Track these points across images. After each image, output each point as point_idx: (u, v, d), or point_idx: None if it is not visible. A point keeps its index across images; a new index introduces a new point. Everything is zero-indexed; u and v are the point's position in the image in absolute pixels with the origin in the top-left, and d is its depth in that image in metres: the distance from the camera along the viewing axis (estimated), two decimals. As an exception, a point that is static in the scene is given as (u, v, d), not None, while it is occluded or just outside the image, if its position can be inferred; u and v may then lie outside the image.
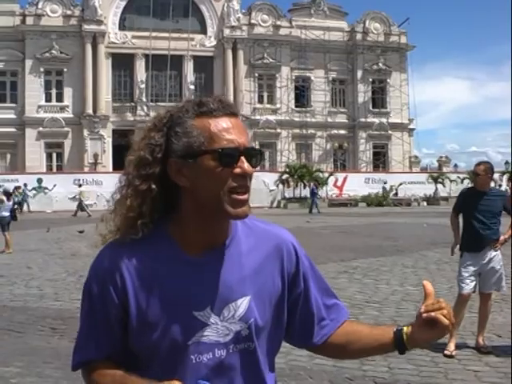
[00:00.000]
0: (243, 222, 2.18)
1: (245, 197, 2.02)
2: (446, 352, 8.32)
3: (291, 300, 2.22)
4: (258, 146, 66.26)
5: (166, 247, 2.08)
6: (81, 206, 47.47)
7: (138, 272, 2.06)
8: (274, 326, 2.17)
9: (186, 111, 2.04)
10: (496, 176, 43.03)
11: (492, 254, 8.60)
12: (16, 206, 48.67)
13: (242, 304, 2.08)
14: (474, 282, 8.60)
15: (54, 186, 53.17)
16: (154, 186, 2.06)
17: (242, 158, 2.00)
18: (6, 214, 22.84)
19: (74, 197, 50.44)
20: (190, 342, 2.02)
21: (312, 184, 56.33)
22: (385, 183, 62.09)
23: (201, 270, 2.06)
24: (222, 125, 2.02)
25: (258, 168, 2.12)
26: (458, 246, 8.99)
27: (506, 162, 67.30)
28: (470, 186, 10.12)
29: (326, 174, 62.10)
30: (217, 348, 2.05)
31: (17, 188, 52.17)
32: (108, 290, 2.06)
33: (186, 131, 2.01)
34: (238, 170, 1.99)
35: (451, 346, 8.37)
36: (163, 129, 2.07)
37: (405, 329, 2.15)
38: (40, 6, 65.33)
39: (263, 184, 55.87)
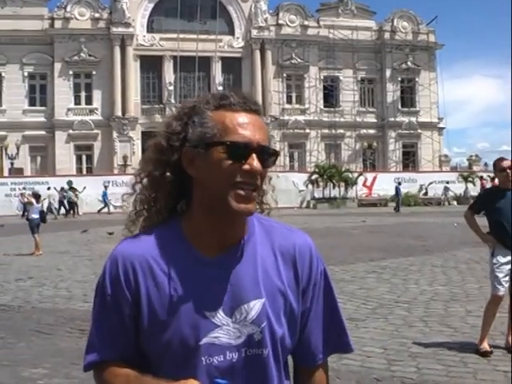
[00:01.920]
0: (260, 223, 2.14)
1: (250, 193, 1.97)
2: (481, 349, 8.22)
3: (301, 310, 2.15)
4: (286, 147, 66.50)
5: (178, 245, 2.05)
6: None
7: (151, 270, 2.03)
8: (288, 333, 2.10)
9: (207, 102, 2.04)
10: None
11: None
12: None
13: (255, 307, 2.03)
14: (509, 283, 8.47)
15: (84, 188, 53.31)
16: (168, 174, 2.08)
17: (254, 155, 1.96)
18: (36, 216, 23.01)
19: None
20: (201, 343, 1.98)
21: (397, 182, 56.12)
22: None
23: (214, 270, 2.02)
24: (237, 119, 2.00)
25: (288, 168, 2.08)
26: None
27: None
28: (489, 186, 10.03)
29: (356, 174, 61.91)
30: (228, 350, 2.00)
31: (73, 189, 52.82)
32: (121, 288, 2.03)
33: (202, 121, 2.01)
34: (246, 167, 1.96)
35: (485, 344, 8.31)
36: (183, 118, 2.07)
37: None
38: (68, 9, 65.73)
39: (292, 184, 55.86)
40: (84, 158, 66.51)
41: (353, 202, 59.13)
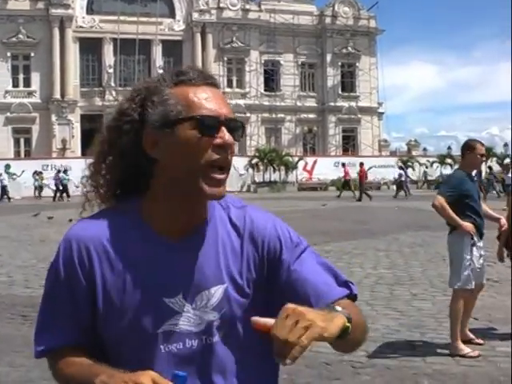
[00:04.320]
0: (220, 204, 2.04)
1: (222, 176, 1.89)
2: (471, 354, 7.74)
3: (277, 284, 1.99)
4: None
5: (137, 228, 1.95)
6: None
7: (107, 254, 1.94)
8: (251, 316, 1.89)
9: (164, 80, 1.93)
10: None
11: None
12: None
13: (217, 293, 1.94)
14: None
15: (23, 171, 52.62)
16: (120, 156, 1.98)
17: (223, 128, 1.87)
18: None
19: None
20: (160, 331, 1.90)
21: (400, 167, 55.13)
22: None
23: (174, 254, 1.92)
24: (201, 93, 1.90)
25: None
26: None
27: (505, 144, 68.56)
28: (456, 168, 9.34)
29: (296, 158, 62.20)
30: (188, 338, 1.91)
31: (38, 173, 52.10)
32: (75, 271, 1.93)
33: (162, 100, 1.89)
34: (218, 141, 1.86)
35: (462, 345, 7.82)
36: (135, 99, 1.95)
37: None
38: (6, -11, 64.52)
39: (233, 168, 55.30)
40: (22, 141, 65.59)
41: (293, 187, 59.40)
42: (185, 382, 1.70)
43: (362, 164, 47.37)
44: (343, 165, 53.50)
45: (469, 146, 8.08)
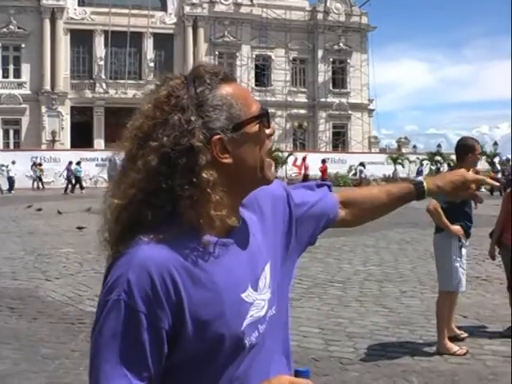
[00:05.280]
0: None
1: (272, 161, 1.99)
2: (459, 352, 7.78)
3: (302, 229, 2.22)
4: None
5: (194, 236, 1.83)
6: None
7: (186, 270, 1.79)
8: (281, 283, 2.09)
9: (207, 83, 1.85)
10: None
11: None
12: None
13: (267, 271, 1.98)
14: None
15: (13, 163, 52.28)
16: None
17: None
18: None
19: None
20: (243, 328, 1.85)
21: (419, 164, 55.77)
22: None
23: (232, 249, 1.89)
24: (243, 90, 1.94)
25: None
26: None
27: (495, 143, 68.72)
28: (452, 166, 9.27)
29: (286, 154, 62.19)
30: (259, 323, 1.90)
31: (37, 164, 51.90)
32: (160, 302, 1.75)
33: (223, 103, 1.84)
34: (270, 131, 1.95)
35: (450, 344, 7.87)
36: (188, 107, 1.82)
37: (426, 181, 2.41)
38: (-3, -21, 64.17)
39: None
40: (11, 132, 65.28)
41: (283, 182, 59.33)
42: (309, 375, 1.77)
43: (324, 161, 51.15)
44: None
45: (470, 147, 7.87)
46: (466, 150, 7.86)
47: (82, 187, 48.73)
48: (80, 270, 13.44)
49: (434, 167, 61.41)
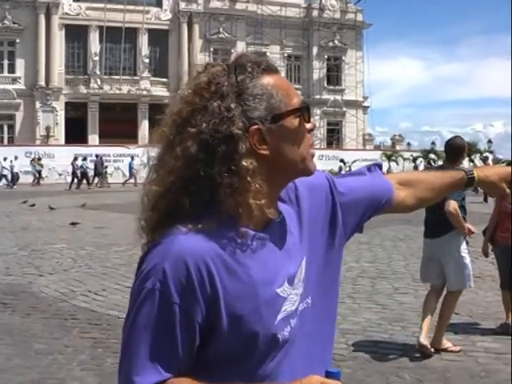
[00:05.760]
0: None
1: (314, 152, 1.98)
2: (452, 349, 7.80)
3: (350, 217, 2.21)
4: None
5: (231, 227, 1.83)
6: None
7: (223, 262, 1.78)
8: (324, 272, 2.07)
9: (248, 72, 1.86)
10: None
11: None
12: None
13: (303, 266, 1.95)
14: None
15: (5, 159, 52.13)
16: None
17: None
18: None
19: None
20: (276, 322, 1.84)
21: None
22: (341, 161, 61.98)
23: (268, 243, 1.87)
24: (285, 81, 1.93)
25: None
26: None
27: (489, 141, 68.77)
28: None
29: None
30: (291, 318, 1.88)
31: (37, 159, 51.76)
32: (195, 295, 1.75)
33: (263, 92, 1.84)
34: (310, 125, 1.93)
35: (447, 343, 7.88)
36: (228, 95, 1.82)
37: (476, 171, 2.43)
38: (-8, -26, 63.99)
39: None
40: (6, 127, 65.11)
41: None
42: (339, 377, 1.75)
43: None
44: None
45: (464, 149, 7.84)
46: (461, 152, 7.84)
47: (89, 182, 48.67)
48: (73, 266, 13.43)
49: (428, 164, 61.38)
